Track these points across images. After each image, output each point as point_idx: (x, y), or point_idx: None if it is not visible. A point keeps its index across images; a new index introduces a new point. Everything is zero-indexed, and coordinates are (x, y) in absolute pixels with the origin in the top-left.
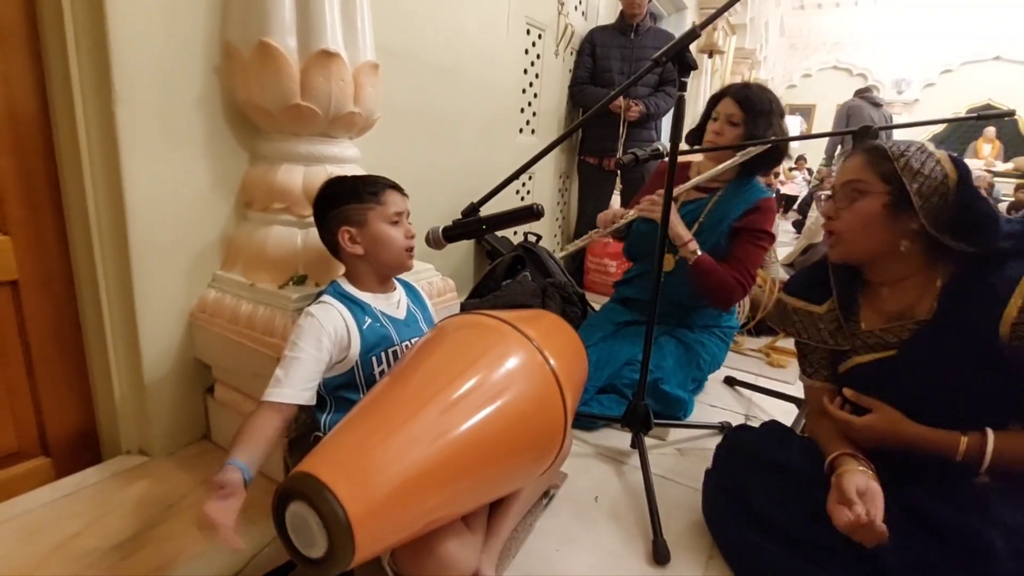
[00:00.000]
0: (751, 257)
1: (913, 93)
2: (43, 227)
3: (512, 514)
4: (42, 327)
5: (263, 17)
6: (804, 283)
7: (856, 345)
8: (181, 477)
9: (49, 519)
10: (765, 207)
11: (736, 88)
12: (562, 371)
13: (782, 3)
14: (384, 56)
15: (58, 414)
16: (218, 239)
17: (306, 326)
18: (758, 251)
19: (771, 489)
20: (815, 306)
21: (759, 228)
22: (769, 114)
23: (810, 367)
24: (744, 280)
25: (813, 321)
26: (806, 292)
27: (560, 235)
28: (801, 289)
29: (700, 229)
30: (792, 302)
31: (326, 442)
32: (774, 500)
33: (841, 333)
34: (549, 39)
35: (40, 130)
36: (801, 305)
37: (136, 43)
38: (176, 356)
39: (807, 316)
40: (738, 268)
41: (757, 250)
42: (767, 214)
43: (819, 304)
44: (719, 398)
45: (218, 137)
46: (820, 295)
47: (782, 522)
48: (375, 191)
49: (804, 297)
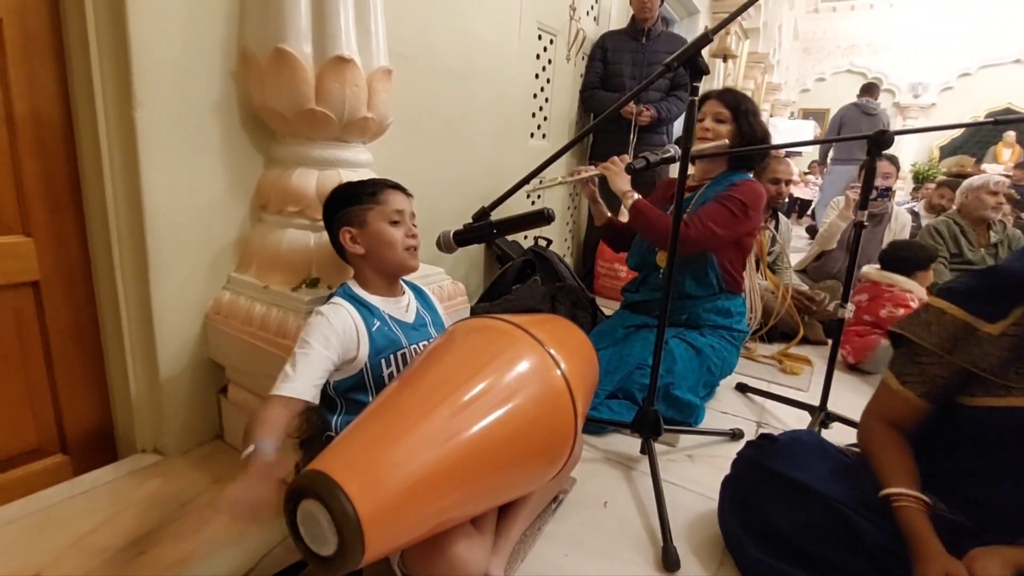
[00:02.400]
0: (710, 212)
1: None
2: (64, 229)
3: (521, 518)
4: (62, 327)
5: (280, 24)
6: (973, 292)
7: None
8: (194, 476)
9: (66, 515)
10: (743, 184)
11: (718, 91)
12: (573, 375)
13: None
14: (397, 61)
15: (76, 412)
16: (233, 241)
17: (316, 324)
18: (718, 207)
19: (797, 511)
20: (985, 323)
21: (728, 194)
22: (753, 113)
23: (913, 376)
24: (690, 220)
25: (978, 341)
26: (974, 304)
27: (570, 240)
28: (968, 299)
29: None
30: (953, 312)
31: (338, 442)
32: (799, 523)
33: (1013, 366)
34: (561, 44)
35: (63, 134)
36: (965, 318)
37: (156, 50)
38: (191, 356)
39: (969, 333)
40: (692, 217)
41: (717, 207)
42: (744, 189)
43: (990, 321)
44: (731, 404)
45: (234, 141)
46: (992, 311)
47: (810, 549)
48: (373, 191)
49: (970, 310)
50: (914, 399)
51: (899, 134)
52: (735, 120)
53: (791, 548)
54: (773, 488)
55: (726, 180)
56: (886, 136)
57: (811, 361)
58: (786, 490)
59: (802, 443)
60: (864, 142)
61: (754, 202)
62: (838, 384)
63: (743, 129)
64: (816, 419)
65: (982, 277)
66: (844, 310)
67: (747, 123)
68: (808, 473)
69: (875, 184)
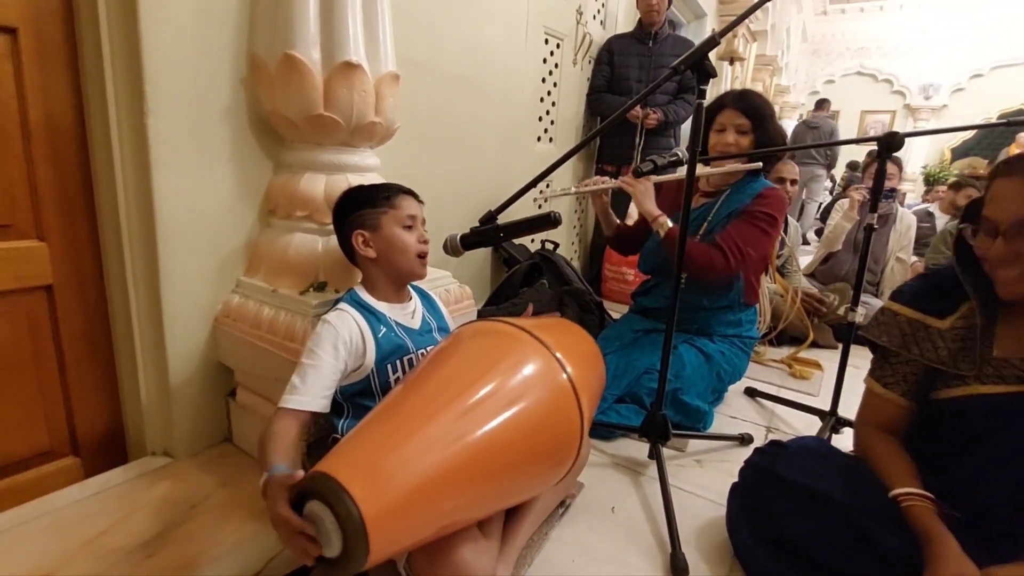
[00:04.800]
0: (742, 232)
1: (941, 99)
2: (77, 234)
3: (528, 522)
4: (74, 330)
5: (289, 30)
6: (921, 293)
7: (984, 372)
8: (203, 478)
9: (77, 517)
10: (770, 194)
11: (734, 97)
12: (579, 379)
13: (804, 9)
14: (405, 66)
15: (87, 415)
16: (242, 245)
17: (323, 333)
18: (752, 229)
19: (808, 518)
20: (934, 319)
21: (759, 209)
22: (772, 118)
23: (890, 377)
24: (728, 249)
25: (929, 336)
26: (923, 303)
27: (577, 243)
28: (917, 299)
29: (708, 228)
30: (905, 312)
31: (343, 444)
32: (810, 530)
33: (965, 356)
34: (567, 48)
35: (76, 141)
36: (917, 317)
37: (167, 58)
38: (200, 360)
39: (921, 330)
40: (724, 239)
41: (751, 228)
42: (772, 200)
43: (939, 318)
44: (740, 409)
45: (244, 147)
46: (940, 308)
47: (821, 557)
48: (388, 195)
49: (920, 308)
50: (898, 399)
51: (909, 136)
52: (755, 130)
53: (801, 556)
54: (783, 495)
55: (749, 189)
56: (896, 138)
57: (821, 366)
58: (797, 497)
59: (812, 449)
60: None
61: (781, 211)
62: (849, 389)
63: (762, 139)
64: (826, 424)
65: (928, 279)
66: (855, 314)
67: (767, 131)
68: (819, 480)
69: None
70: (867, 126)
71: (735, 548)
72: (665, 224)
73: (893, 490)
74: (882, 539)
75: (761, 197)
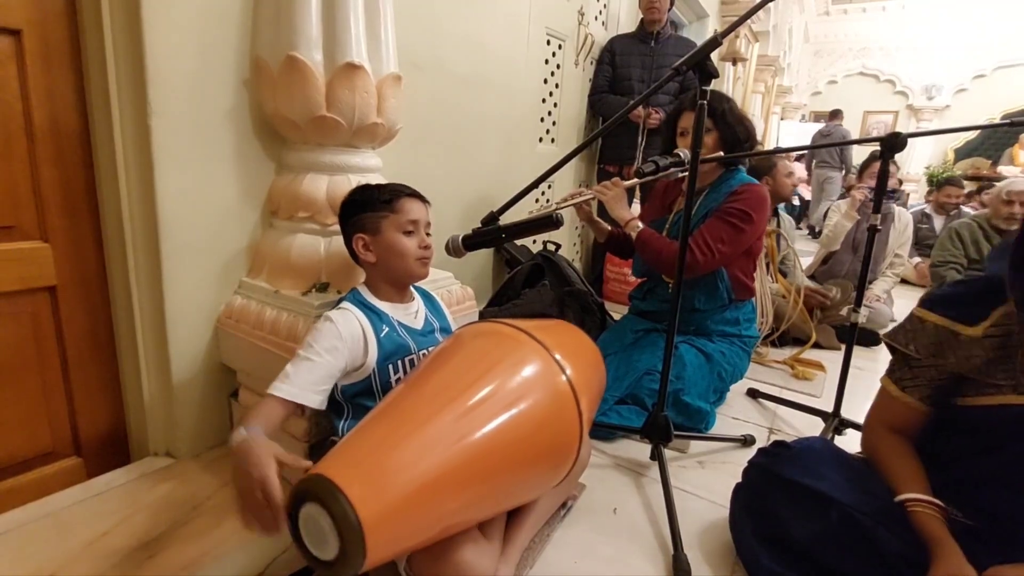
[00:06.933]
0: (712, 229)
1: (944, 99)
2: (81, 235)
3: (529, 524)
4: (77, 331)
5: (291, 32)
6: (952, 299)
7: (1022, 383)
8: (206, 479)
9: (80, 518)
10: (745, 190)
11: (690, 100)
12: (578, 380)
13: (806, 10)
14: (407, 67)
15: (90, 415)
16: (245, 247)
17: (323, 330)
18: (723, 225)
19: (811, 520)
20: (965, 327)
21: (730, 206)
22: (730, 109)
23: (909, 380)
24: (697, 246)
25: (960, 344)
26: (955, 310)
27: (579, 244)
28: (947, 306)
29: None
30: (931, 319)
31: (341, 445)
32: (813, 531)
33: (1002, 365)
34: (569, 49)
35: (80, 142)
36: (946, 324)
37: (171, 60)
38: (203, 360)
39: (951, 337)
40: (694, 237)
41: (722, 224)
42: (746, 196)
43: (971, 325)
44: (742, 410)
45: (246, 148)
46: (973, 315)
47: (824, 558)
48: (389, 200)
49: (951, 316)
50: (914, 403)
51: (912, 136)
52: (716, 125)
53: (804, 557)
54: (786, 496)
55: (725, 186)
56: (899, 139)
57: (824, 367)
58: (800, 498)
59: (816, 450)
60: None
61: (756, 206)
62: (852, 390)
63: (725, 132)
64: (830, 425)
65: (958, 284)
66: (857, 314)
67: (728, 122)
68: (823, 481)
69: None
70: (869, 127)
71: (738, 549)
72: (636, 227)
73: (900, 495)
74: (885, 541)
75: (735, 194)
